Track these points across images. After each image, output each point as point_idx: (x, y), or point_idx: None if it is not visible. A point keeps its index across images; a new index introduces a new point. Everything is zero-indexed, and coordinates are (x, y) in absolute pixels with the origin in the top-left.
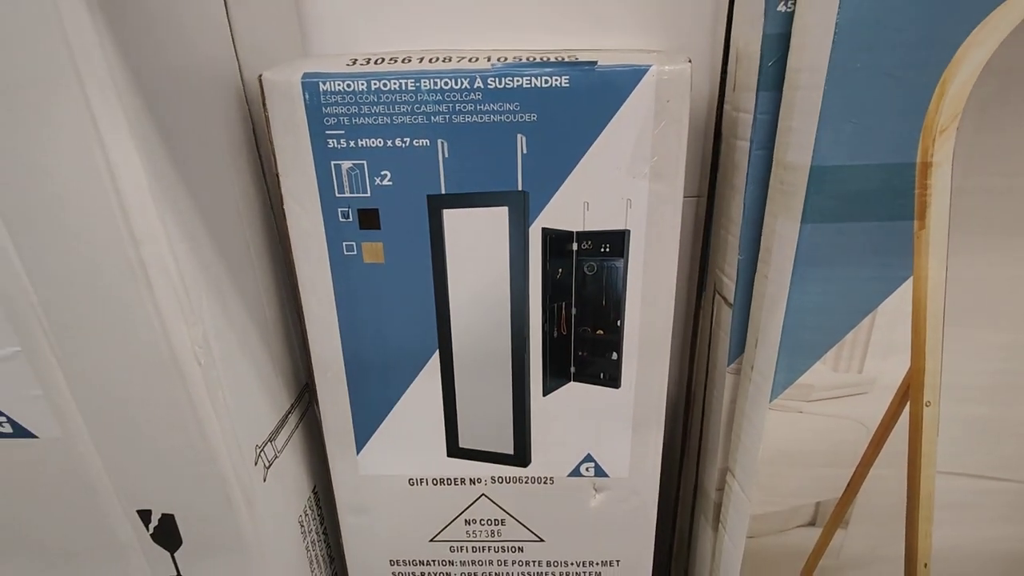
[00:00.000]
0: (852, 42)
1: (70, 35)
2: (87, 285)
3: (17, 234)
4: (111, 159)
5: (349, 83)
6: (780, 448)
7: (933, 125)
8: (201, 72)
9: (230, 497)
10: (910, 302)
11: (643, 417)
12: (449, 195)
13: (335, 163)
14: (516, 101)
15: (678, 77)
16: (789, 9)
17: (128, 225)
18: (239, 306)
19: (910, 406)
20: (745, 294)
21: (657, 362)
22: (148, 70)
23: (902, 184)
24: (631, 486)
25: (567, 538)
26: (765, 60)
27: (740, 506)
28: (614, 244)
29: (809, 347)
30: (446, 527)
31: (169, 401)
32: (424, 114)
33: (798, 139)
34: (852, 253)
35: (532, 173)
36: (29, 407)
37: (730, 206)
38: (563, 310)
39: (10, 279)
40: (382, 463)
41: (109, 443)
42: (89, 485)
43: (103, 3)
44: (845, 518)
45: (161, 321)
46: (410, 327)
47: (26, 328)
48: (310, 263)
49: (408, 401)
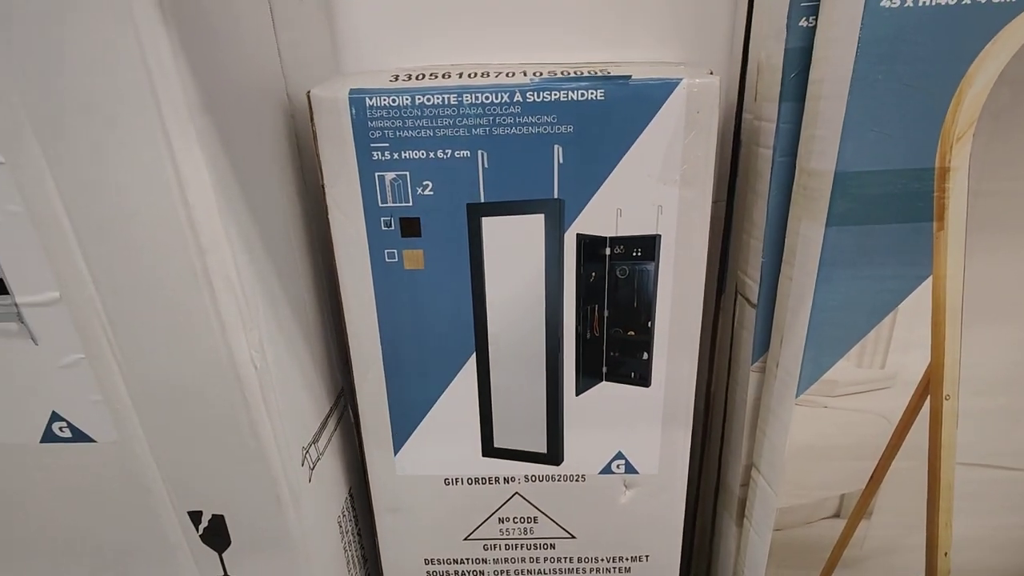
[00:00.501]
0: (874, 55)
1: (148, 58)
2: (152, 293)
3: (87, 246)
4: (182, 173)
5: (394, 98)
6: (806, 442)
7: (950, 132)
8: (256, 90)
9: (279, 497)
10: (930, 300)
11: (672, 415)
12: (488, 203)
13: (379, 174)
14: (554, 114)
15: (708, 89)
16: (811, 24)
17: (195, 235)
18: (288, 312)
19: (930, 400)
20: (769, 295)
21: (686, 361)
22: (214, 89)
23: (921, 188)
24: (660, 482)
25: (598, 534)
26: (787, 72)
27: (766, 500)
28: (646, 248)
29: (834, 344)
30: (480, 526)
31: (225, 404)
32: (465, 127)
33: (822, 146)
34: (874, 254)
35: (568, 181)
36: (89, 412)
37: (752, 211)
38: (596, 312)
39: (78, 289)
40: (419, 463)
41: (164, 446)
42: (143, 487)
43: (179, 28)
44: (869, 509)
45: (222, 326)
46: (448, 331)
47: (91, 336)
48: (353, 270)
49: (445, 402)
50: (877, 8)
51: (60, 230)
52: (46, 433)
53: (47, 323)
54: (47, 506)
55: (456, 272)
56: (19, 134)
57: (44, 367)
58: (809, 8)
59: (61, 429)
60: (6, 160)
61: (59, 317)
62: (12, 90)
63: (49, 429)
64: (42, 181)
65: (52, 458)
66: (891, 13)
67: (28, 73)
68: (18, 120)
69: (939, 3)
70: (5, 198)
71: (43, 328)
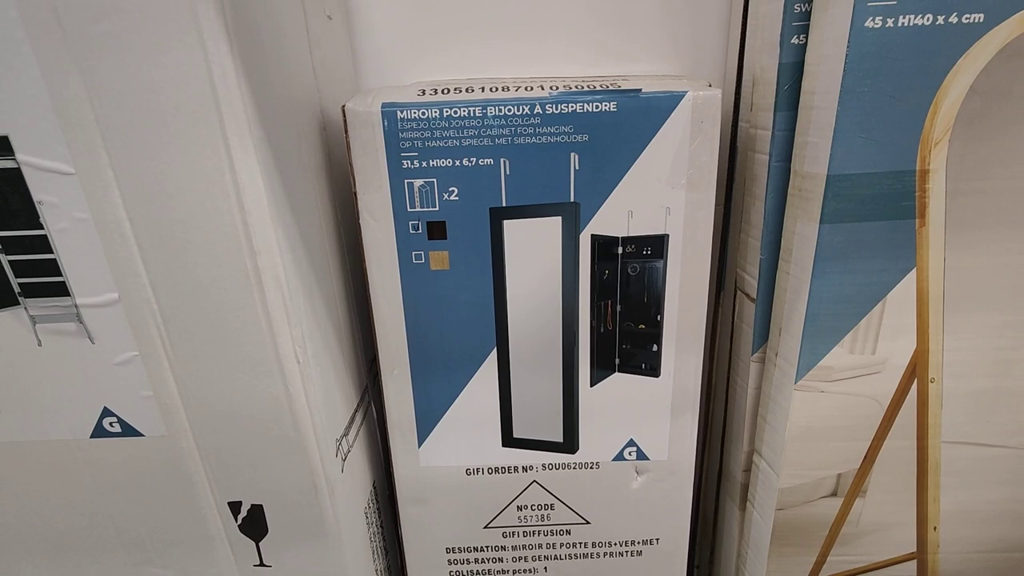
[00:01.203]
0: (860, 71)
1: (215, 75)
2: (205, 293)
3: (146, 250)
4: (239, 181)
5: (423, 111)
6: (804, 425)
7: (929, 138)
8: (297, 103)
9: (316, 486)
10: (914, 291)
11: (680, 403)
12: (509, 207)
13: (408, 181)
14: (570, 124)
15: (711, 101)
16: (801, 42)
17: (249, 238)
18: (323, 310)
19: (917, 383)
20: (767, 289)
21: (692, 352)
22: (266, 103)
23: (904, 188)
24: (669, 467)
25: (611, 519)
26: (781, 85)
27: (768, 482)
28: (655, 247)
29: (829, 333)
30: (499, 514)
31: (269, 396)
32: (489, 136)
33: (814, 152)
34: (864, 248)
35: (583, 186)
36: (139, 407)
37: (750, 212)
38: (609, 307)
39: (137, 290)
40: (442, 455)
41: (209, 439)
42: (187, 479)
43: (241, 47)
44: (863, 487)
45: (269, 323)
46: (471, 327)
47: (146, 334)
48: (381, 271)
49: (467, 396)
50: (862, 29)
51: (122, 235)
52: (96, 428)
53: (104, 322)
54: (92, 499)
55: (479, 272)
56: (91, 147)
57: (98, 364)
58: (800, 27)
59: (111, 424)
60: (76, 171)
61: (116, 317)
62: (87, 108)
63: (100, 424)
64: (108, 190)
65: (101, 452)
66: (874, 33)
67: (103, 92)
68: (90, 135)
69: (916, 24)
70: (73, 206)
71: (100, 327)
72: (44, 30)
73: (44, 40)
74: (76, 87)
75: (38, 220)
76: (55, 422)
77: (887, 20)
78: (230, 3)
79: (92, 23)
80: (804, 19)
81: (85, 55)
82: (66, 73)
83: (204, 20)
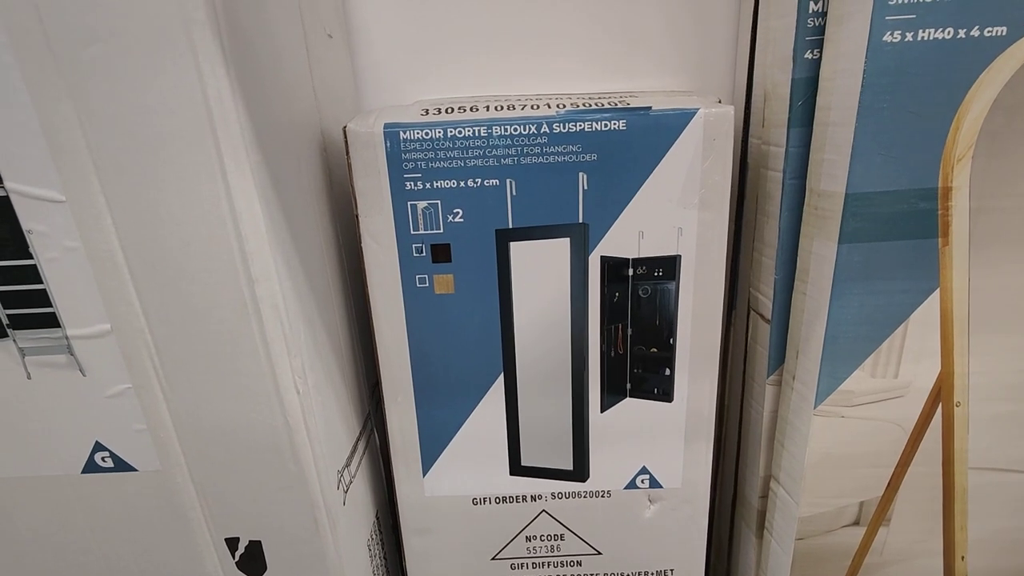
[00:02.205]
0: (878, 86)
1: (211, 99)
2: (201, 323)
3: (139, 279)
4: (236, 207)
5: (427, 131)
6: (824, 451)
7: (951, 154)
8: (298, 125)
9: (317, 521)
10: (938, 311)
11: (694, 429)
12: (516, 229)
13: (411, 203)
14: (579, 143)
15: (723, 117)
16: (815, 57)
17: (246, 266)
18: (324, 338)
19: (942, 407)
20: (782, 310)
21: (706, 376)
22: (264, 126)
23: (926, 206)
24: (683, 496)
25: (623, 549)
26: (795, 100)
27: (787, 510)
28: (667, 268)
29: (849, 356)
30: (507, 545)
31: (268, 429)
32: (495, 157)
33: (831, 169)
34: (884, 269)
35: (592, 207)
36: (132, 441)
37: (764, 231)
38: (620, 331)
39: (129, 321)
40: (447, 484)
41: (205, 473)
42: (182, 515)
43: (238, 69)
44: (887, 516)
45: (268, 353)
46: (477, 352)
47: (139, 366)
48: (384, 296)
49: (473, 423)
50: (880, 43)
51: (114, 264)
52: (88, 463)
53: (96, 354)
54: (84, 536)
55: (485, 295)
56: (82, 174)
57: (90, 398)
58: (813, 42)
59: (103, 459)
60: (67, 198)
61: (108, 348)
62: (78, 133)
63: (91, 459)
64: (100, 218)
65: (93, 488)
66: (893, 48)
67: (94, 117)
68: (82, 161)
69: (937, 38)
70: (64, 234)
71: (91, 359)
72: (33, 54)
73: (34, 65)
74: (67, 112)
75: (27, 250)
76: (45, 457)
77: (906, 34)
78: (227, 24)
79: (83, 47)
80: (818, 33)
81: (76, 80)
82: (56, 99)
83: (200, 42)
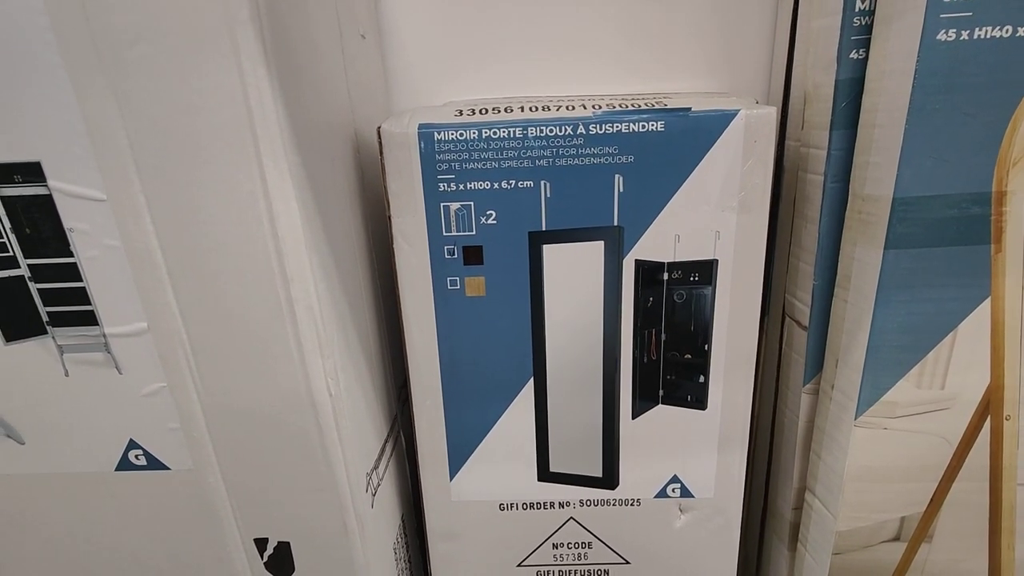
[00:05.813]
0: (930, 87)
1: (251, 99)
2: (236, 322)
3: (176, 278)
4: (273, 207)
5: (461, 132)
6: (865, 464)
7: (1007, 157)
8: (333, 126)
9: (346, 523)
10: (989, 321)
11: (728, 437)
12: (549, 231)
13: (444, 205)
14: (615, 145)
15: (764, 119)
16: (860, 57)
17: (282, 266)
18: (356, 340)
19: (991, 420)
20: (821, 317)
21: (742, 384)
22: (301, 127)
23: (979, 211)
24: (716, 506)
25: (652, 559)
26: (838, 102)
27: (823, 523)
28: (703, 273)
29: (893, 366)
30: (534, 551)
31: (299, 430)
32: (529, 158)
33: (877, 173)
34: (933, 276)
35: (627, 209)
36: (165, 440)
37: (802, 235)
38: (653, 336)
39: (166, 320)
40: (474, 489)
41: (237, 473)
42: (213, 515)
43: (278, 70)
44: (929, 532)
45: (301, 354)
46: (507, 356)
47: (174, 365)
48: (415, 297)
49: (502, 427)
50: (933, 42)
51: (153, 263)
52: (122, 461)
53: (132, 353)
54: (115, 533)
55: (516, 299)
56: (123, 173)
57: (125, 396)
58: (859, 42)
59: (137, 457)
60: (108, 197)
61: (144, 347)
62: (121, 133)
63: (125, 457)
64: (140, 217)
65: (125, 486)
66: (947, 47)
67: (137, 116)
68: (123, 160)
69: (993, 36)
70: (104, 233)
71: (128, 358)
72: (79, 54)
73: (79, 64)
74: (110, 112)
75: (68, 248)
76: (80, 454)
77: (961, 33)
78: (268, 24)
79: (128, 47)
80: (864, 33)
81: (120, 79)
82: (101, 98)
83: (242, 42)
